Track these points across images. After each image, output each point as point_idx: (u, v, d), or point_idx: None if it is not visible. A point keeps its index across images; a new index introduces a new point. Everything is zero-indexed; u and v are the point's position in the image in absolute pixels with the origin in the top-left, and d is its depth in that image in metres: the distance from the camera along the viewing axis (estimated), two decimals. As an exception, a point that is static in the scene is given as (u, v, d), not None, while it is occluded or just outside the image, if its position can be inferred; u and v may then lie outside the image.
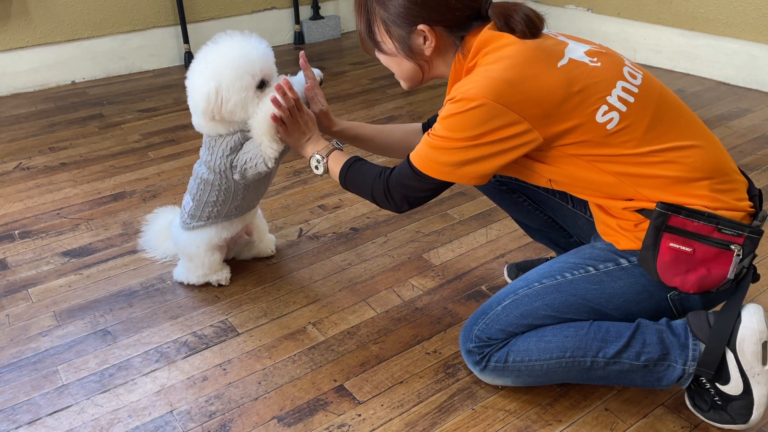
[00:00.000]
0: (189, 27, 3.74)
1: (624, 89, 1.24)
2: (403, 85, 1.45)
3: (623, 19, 3.53)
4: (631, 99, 1.24)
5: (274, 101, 1.50)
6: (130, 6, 3.56)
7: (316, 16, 4.11)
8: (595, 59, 1.27)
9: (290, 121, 1.52)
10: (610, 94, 1.23)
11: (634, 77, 1.28)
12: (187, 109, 1.66)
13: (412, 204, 1.37)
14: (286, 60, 3.81)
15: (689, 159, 1.24)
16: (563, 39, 1.30)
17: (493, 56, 1.24)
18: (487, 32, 1.28)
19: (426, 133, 1.31)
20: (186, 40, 3.69)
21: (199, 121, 1.60)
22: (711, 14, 3.19)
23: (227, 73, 1.52)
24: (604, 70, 1.25)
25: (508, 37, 1.26)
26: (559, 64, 1.23)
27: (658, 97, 1.27)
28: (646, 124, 1.24)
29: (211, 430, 1.38)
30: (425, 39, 1.32)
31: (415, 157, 1.32)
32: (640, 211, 1.26)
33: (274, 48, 4.42)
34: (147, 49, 3.67)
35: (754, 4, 3.04)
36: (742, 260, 1.23)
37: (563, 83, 1.21)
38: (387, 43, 1.37)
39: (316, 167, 1.52)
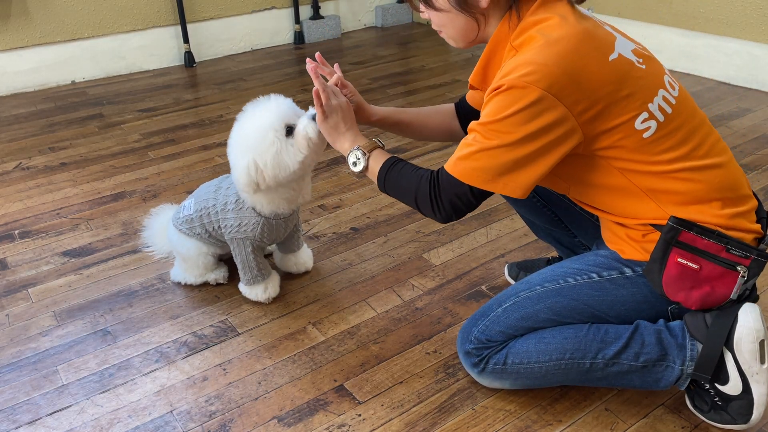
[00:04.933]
0: (189, 27, 3.74)
1: (665, 99, 1.22)
2: (454, 43, 1.32)
3: (623, 19, 3.53)
4: (669, 110, 1.22)
5: (313, 72, 1.42)
6: (130, 6, 3.55)
7: (316, 15, 4.11)
8: (641, 60, 1.23)
9: (328, 102, 1.40)
10: (651, 102, 1.20)
11: (673, 88, 1.26)
12: (187, 108, 1.66)
13: (458, 212, 1.27)
14: (286, 60, 3.82)
15: (714, 179, 1.23)
16: (610, 30, 1.25)
17: (541, 40, 1.17)
18: (537, 9, 1.21)
19: (464, 139, 1.24)
20: (186, 40, 3.69)
21: (247, 197, 1.62)
22: (711, 14, 3.19)
23: (252, 140, 1.52)
24: (649, 74, 1.22)
25: (557, 20, 1.18)
26: (611, 58, 1.18)
27: (692, 112, 1.26)
28: (681, 138, 1.22)
29: (211, 430, 1.38)
30: None
31: (454, 166, 1.23)
32: (651, 224, 1.25)
33: (275, 48, 4.40)
34: (147, 49, 3.67)
35: (754, 4, 3.04)
36: (746, 282, 1.23)
37: (613, 80, 1.17)
38: None
39: (355, 163, 1.39)
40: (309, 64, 1.45)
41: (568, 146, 1.18)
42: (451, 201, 1.25)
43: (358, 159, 1.38)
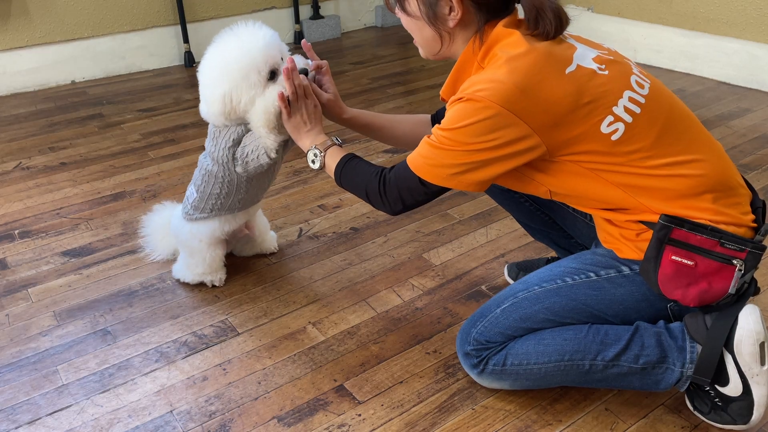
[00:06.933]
0: (189, 27, 3.73)
1: (631, 99, 1.22)
2: (422, 52, 1.39)
3: (623, 18, 3.53)
4: (638, 110, 1.22)
5: (286, 74, 1.46)
6: (130, 6, 3.55)
7: (316, 15, 4.11)
8: (603, 66, 1.24)
9: (294, 103, 1.48)
10: (616, 105, 1.21)
11: (642, 86, 1.26)
12: (187, 108, 1.66)
13: (407, 206, 1.34)
14: (286, 60, 3.82)
15: (696, 172, 1.22)
16: (572, 42, 1.27)
17: (502, 57, 1.21)
18: (500, 29, 1.25)
19: (426, 136, 1.29)
20: (186, 40, 3.69)
21: (207, 110, 1.59)
22: (711, 14, 3.19)
23: (233, 75, 1.51)
24: (612, 79, 1.23)
25: (518, 37, 1.22)
26: (567, 71, 1.20)
27: (666, 108, 1.25)
28: (654, 136, 1.22)
29: (211, 430, 1.38)
30: (451, 9, 1.27)
31: (413, 161, 1.30)
32: (643, 222, 1.25)
33: (274, 48, 4.32)
34: (147, 49, 3.67)
35: (754, 4, 3.04)
36: (743, 275, 1.22)
37: (572, 91, 1.19)
38: (411, 2, 1.31)
39: (313, 161, 1.47)
40: (288, 64, 1.47)
41: (528, 158, 1.22)
42: (400, 194, 1.32)
43: (316, 156, 1.47)
